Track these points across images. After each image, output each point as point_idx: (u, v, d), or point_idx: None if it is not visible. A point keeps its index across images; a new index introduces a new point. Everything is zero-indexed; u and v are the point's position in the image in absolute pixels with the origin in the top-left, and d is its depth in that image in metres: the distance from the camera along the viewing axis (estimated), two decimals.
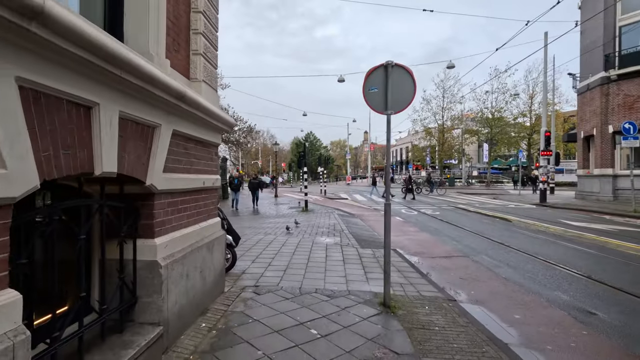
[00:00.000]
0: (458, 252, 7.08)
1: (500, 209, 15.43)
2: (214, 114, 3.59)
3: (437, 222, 11.42)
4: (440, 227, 10.22)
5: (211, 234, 3.78)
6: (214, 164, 4.00)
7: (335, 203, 18.68)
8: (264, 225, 10.30)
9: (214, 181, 3.93)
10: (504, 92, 40.80)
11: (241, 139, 33.14)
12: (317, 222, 10.65)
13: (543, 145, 17.39)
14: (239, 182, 15.92)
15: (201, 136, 3.54)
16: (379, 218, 12.44)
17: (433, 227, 10.38)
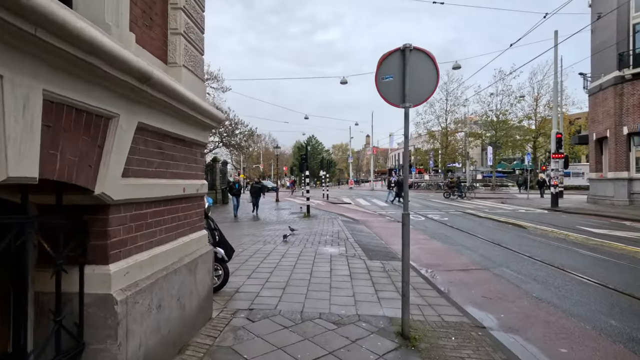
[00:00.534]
0: (476, 264, 6.41)
1: (511, 214, 14.75)
2: (198, 106, 2.96)
3: (447, 228, 10.74)
4: (452, 235, 9.54)
5: (194, 252, 3.14)
6: (199, 167, 3.37)
7: (338, 208, 18.03)
8: (263, 233, 9.66)
9: (199, 187, 3.30)
10: (508, 95, 40.24)
11: (242, 143, 32.57)
12: (319, 229, 10.00)
13: (554, 148, 16.72)
14: (240, 186, 15.17)
15: (181, 133, 2.92)
16: (385, 224, 11.78)
17: (444, 234, 9.71)
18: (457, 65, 20.17)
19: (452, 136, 46.09)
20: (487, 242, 8.44)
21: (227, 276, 4.49)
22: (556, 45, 16.70)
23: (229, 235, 9.72)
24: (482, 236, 9.17)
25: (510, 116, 41.16)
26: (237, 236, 9.29)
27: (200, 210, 3.44)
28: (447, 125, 45.46)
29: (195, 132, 3.22)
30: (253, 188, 15.36)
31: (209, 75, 25.23)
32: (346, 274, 5.34)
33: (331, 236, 8.83)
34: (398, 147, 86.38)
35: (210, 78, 25.46)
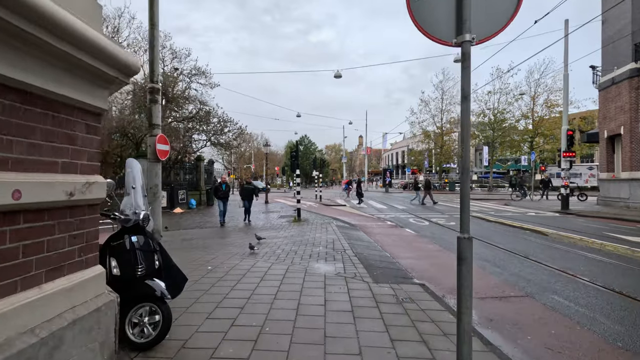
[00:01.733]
0: (511, 286, 4.99)
1: (521, 217, 13.46)
2: (78, 34, 1.46)
3: (454, 234, 9.33)
4: None
5: (73, 307, 1.65)
6: (84, 152, 1.86)
7: (332, 211, 16.56)
8: (247, 242, 8.17)
9: (94, 188, 1.80)
10: (506, 93, 39.28)
11: (231, 142, 30.88)
12: (311, 238, 8.51)
13: (565, 145, 15.50)
14: (228, 188, 12.45)
15: (41, 84, 1.42)
16: (386, 231, 10.33)
17: (453, 242, 8.25)
18: (459, 58, 18.84)
19: (447, 135, 45.03)
20: (511, 254, 7.04)
21: (169, 322, 2.97)
22: (566, 36, 15.50)
23: (204, 245, 8.21)
24: (502, 245, 7.78)
25: (508, 115, 40.22)
26: (215, 246, 7.77)
27: (93, 230, 1.93)
28: (442, 125, 44.40)
29: (75, 86, 1.72)
30: (244, 190, 12.94)
31: (196, 71, 23.63)
32: (347, 308, 3.87)
33: (325, 247, 7.34)
34: (391, 148, 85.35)
35: (197, 73, 23.85)
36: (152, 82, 7.45)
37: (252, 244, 7.13)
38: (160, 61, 25.04)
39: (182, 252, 7.33)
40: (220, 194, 12.00)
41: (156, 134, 7.38)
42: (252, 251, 6.90)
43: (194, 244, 8.46)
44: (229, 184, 12.81)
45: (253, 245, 7.09)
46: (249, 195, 12.50)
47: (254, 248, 6.99)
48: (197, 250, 7.48)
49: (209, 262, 6.09)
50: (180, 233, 10.61)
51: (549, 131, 38.78)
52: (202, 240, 8.93)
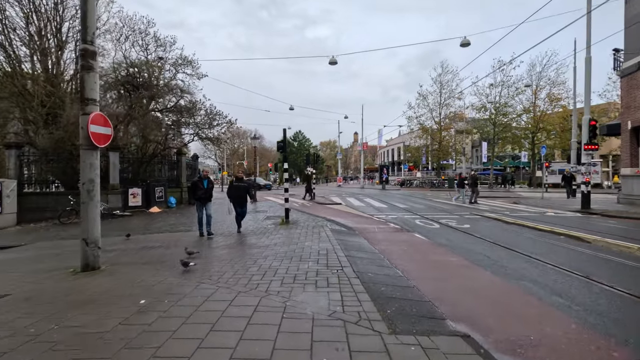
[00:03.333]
0: (590, 328, 3.24)
1: (540, 218, 11.80)
2: None
3: (479, 242, 7.61)
4: (494, 255, 6.38)
5: None
6: None
7: (327, 210, 14.76)
8: (223, 255, 6.36)
9: None
10: (508, 86, 37.71)
11: (220, 135, 28.83)
12: (299, 248, 6.70)
13: (586, 137, 13.84)
14: (211, 185, 8.79)
15: None
16: (391, 236, 8.55)
17: (480, 253, 6.56)
18: (466, 42, 17.16)
19: (446, 131, 43.40)
20: (563, 271, 5.29)
21: None
22: (589, 12, 13.79)
23: (161, 259, 6.37)
24: (542, 258, 6.05)
25: (509, 109, 38.68)
26: (175, 260, 5.95)
27: None
28: (441, 119, 42.75)
29: None
30: (233, 189, 9.24)
31: (182, 60, 21.61)
32: None
33: (316, 262, 5.54)
34: (387, 145, 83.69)
35: (183, 63, 21.82)
36: (85, 43, 5.60)
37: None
38: (143, 50, 23.17)
39: (128, 268, 5.50)
40: (200, 193, 8.53)
41: (90, 111, 5.54)
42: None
43: (152, 255, 6.62)
44: (212, 180, 8.95)
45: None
46: (241, 196, 9.00)
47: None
48: (148, 266, 5.65)
49: (149, 290, 4.27)
50: (145, 238, 8.78)
51: (552, 126, 37.34)
52: (165, 250, 7.10)
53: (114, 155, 15.68)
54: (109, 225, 11.86)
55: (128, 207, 15.66)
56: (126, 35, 20.59)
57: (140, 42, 21.19)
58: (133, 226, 11.25)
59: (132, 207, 15.78)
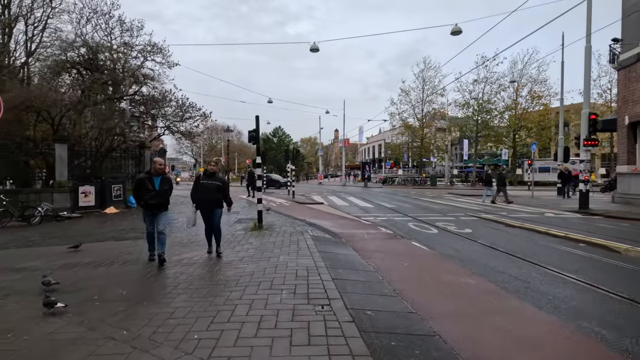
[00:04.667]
0: None
1: (541, 219, 10.75)
2: None
3: (492, 253, 6.27)
4: (521, 272, 5.02)
5: None
6: None
7: (307, 211, 13.21)
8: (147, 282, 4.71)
9: None
10: (491, 83, 37.23)
11: (193, 129, 26.64)
12: (270, 266, 5.12)
13: (585, 132, 12.89)
14: (166, 186, 5.58)
15: None
16: (385, 245, 7.08)
17: (500, 269, 5.19)
18: (458, 29, 15.98)
19: (428, 128, 42.67)
20: (624, 300, 3.97)
21: None
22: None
23: (77, 285, 4.09)
24: (582, 277, 4.73)
25: (492, 106, 38.27)
26: (89, 291, 4.25)
27: None
28: (423, 116, 41.96)
29: None
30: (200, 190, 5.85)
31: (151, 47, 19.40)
32: None
33: (292, 291, 3.99)
34: (367, 142, 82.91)
35: (153, 50, 19.61)
36: None
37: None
38: (107, 34, 20.75)
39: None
40: (147, 197, 5.40)
41: None
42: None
43: (71, 276, 4.85)
44: (171, 178, 6.14)
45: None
46: (211, 200, 5.81)
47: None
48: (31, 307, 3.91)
49: None
50: (78, 249, 6.92)
51: (532, 124, 37.19)
52: (93, 269, 5.34)
53: (61, 148, 13.51)
54: (48, 229, 9.89)
55: (78, 207, 13.55)
56: (87, 17, 18.29)
57: (104, 26, 18.95)
58: (73, 232, 9.31)
59: (83, 207, 13.67)
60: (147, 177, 5.54)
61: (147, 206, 5.51)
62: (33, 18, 18.47)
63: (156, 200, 5.44)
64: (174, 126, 22.27)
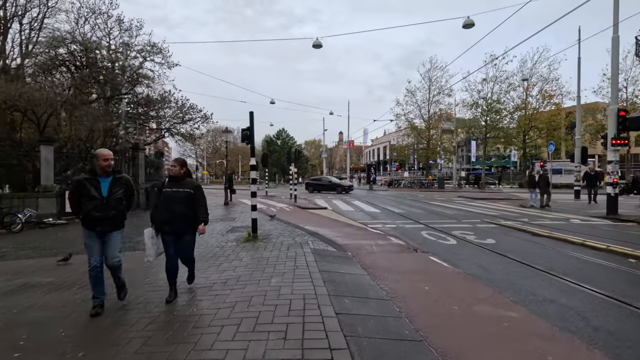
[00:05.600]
0: None
1: (567, 226, 9.68)
2: None
3: (530, 273, 5.21)
4: (562, 297, 3.99)
5: None
6: None
7: (309, 217, 12.22)
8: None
9: None
10: (501, 82, 36.05)
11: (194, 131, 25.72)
12: (258, 294, 4.12)
13: (614, 131, 11.77)
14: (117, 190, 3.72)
15: None
16: (398, 261, 6.04)
17: (550, 298, 4.15)
18: (470, 22, 14.95)
19: (435, 129, 41.51)
20: None
21: None
22: None
23: None
24: None
25: (501, 106, 37.05)
26: None
27: None
28: (429, 117, 40.82)
29: None
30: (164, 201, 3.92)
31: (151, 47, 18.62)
32: None
33: (282, 334, 2.99)
34: (372, 144, 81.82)
35: (152, 50, 18.82)
36: None
37: None
38: (106, 34, 20.05)
39: None
40: (90, 207, 3.62)
41: None
42: None
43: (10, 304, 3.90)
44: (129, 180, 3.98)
45: None
46: (176, 214, 3.89)
47: None
48: None
49: None
50: (38, 264, 6.00)
51: (544, 124, 35.89)
52: (45, 294, 4.39)
53: (47, 150, 12.64)
54: (27, 238, 9.03)
55: (65, 213, 12.66)
56: (85, 16, 17.58)
57: (102, 26, 18.23)
58: (51, 242, 8.39)
59: (70, 213, 12.79)
60: (89, 179, 3.67)
61: (89, 221, 3.63)
62: (29, 16, 17.80)
63: (102, 212, 3.61)
64: (174, 128, 21.45)
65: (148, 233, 3.92)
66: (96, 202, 3.63)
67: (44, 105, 12.41)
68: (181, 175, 4.00)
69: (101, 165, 3.71)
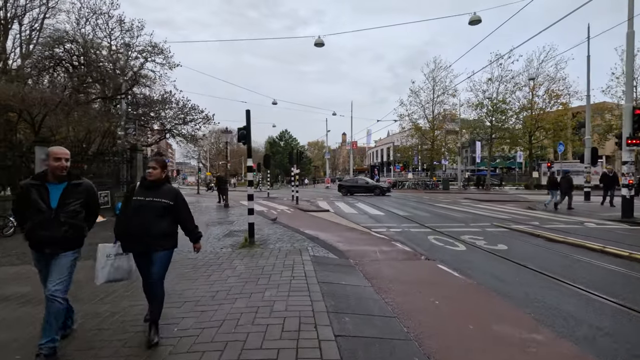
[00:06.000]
0: None
1: (582, 230, 9.16)
2: None
3: (540, 281, 4.75)
4: (589, 315, 3.53)
5: None
6: None
7: (311, 220, 11.78)
8: None
9: None
10: (506, 82, 35.46)
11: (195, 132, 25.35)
12: (249, 310, 3.70)
13: (629, 129, 11.24)
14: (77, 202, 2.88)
15: None
16: (404, 269, 5.59)
17: (559, 309, 3.69)
18: (477, 18, 14.49)
19: (439, 130, 40.93)
20: None
21: None
22: None
23: None
24: None
25: (507, 106, 36.45)
26: None
27: None
28: (434, 117, 40.27)
29: None
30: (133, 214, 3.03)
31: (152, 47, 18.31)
32: None
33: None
34: (375, 145, 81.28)
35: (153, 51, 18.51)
36: None
37: None
38: (107, 35, 19.80)
39: None
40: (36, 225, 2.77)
41: None
42: None
43: None
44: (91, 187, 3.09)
45: None
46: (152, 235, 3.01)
47: None
48: None
49: None
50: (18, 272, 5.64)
51: (550, 124, 35.22)
52: (14, 310, 4.00)
53: (42, 151, 12.29)
54: (17, 242, 8.63)
55: None
56: (86, 17, 17.32)
57: (104, 27, 17.96)
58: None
59: None
60: (37, 185, 2.80)
61: (33, 241, 2.81)
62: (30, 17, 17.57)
63: (49, 231, 2.74)
64: (174, 129, 21.13)
65: (103, 250, 3.10)
66: (42, 216, 2.72)
67: (38, 105, 12.09)
68: (161, 179, 3.13)
69: (52, 167, 2.77)
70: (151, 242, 3.02)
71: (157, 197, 3.04)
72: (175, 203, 3.12)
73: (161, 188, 3.11)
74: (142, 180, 3.17)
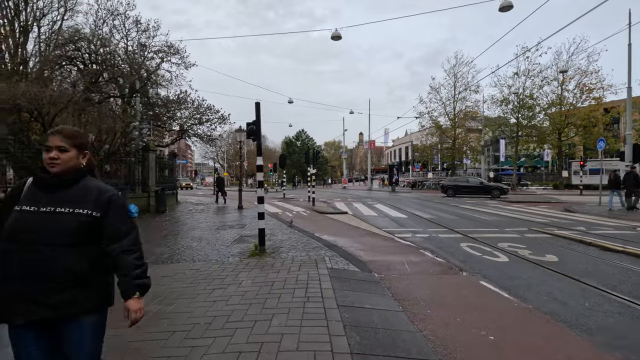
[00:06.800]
0: None
1: (636, 237, 7.95)
2: None
3: (618, 308, 3.75)
4: None
5: None
6: None
7: (328, 223, 10.96)
8: None
9: None
10: (533, 76, 33.62)
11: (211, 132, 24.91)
12: (247, 347, 2.91)
13: None
14: None
15: None
16: (443, 291, 4.66)
17: None
18: (508, 4, 13.30)
19: (460, 128, 39.28)
20: None
21: None
22: None
23: None
24: None
25: (534, 102, 34.58)
26: None
27: None
28: (455, 115, 38.71)
29: None
30: (15, 231, 1.50)
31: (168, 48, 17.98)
32: None
33: None
34: (393, 145, 79.59)
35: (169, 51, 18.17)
36: None
37: None
38: (124, 36, 19.64)
39: None
40: None
41: None
42: None
43: None
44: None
45: None
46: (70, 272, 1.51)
47: None
48: None
49: None
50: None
51: (582, 121, 33.13)
52: None
53: None
54: None
55: None
56: (103, 18, 17.15)
57: (120, 28, 17.77)
58: None
59: None
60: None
61: None
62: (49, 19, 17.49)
63: None
64: (190, 129, 20.75)
65: None
66: None
67: (47, 104, 11.77)
68: (75, 170, 1.64)
69: None
70: (52, 302, 1.49)
71: (65, 206, 1.55)
72: (103, 215, 1.60)
73: (75, 188, 1.61)
74: (36, 176, 1.63)
